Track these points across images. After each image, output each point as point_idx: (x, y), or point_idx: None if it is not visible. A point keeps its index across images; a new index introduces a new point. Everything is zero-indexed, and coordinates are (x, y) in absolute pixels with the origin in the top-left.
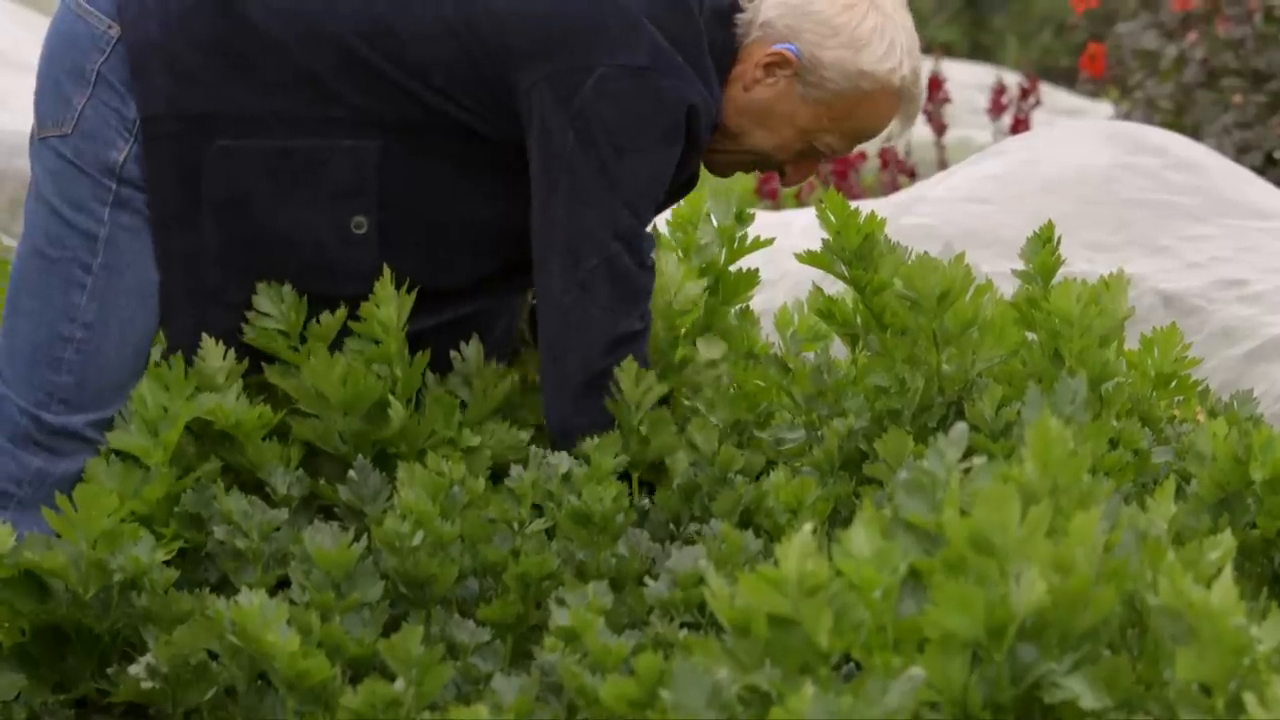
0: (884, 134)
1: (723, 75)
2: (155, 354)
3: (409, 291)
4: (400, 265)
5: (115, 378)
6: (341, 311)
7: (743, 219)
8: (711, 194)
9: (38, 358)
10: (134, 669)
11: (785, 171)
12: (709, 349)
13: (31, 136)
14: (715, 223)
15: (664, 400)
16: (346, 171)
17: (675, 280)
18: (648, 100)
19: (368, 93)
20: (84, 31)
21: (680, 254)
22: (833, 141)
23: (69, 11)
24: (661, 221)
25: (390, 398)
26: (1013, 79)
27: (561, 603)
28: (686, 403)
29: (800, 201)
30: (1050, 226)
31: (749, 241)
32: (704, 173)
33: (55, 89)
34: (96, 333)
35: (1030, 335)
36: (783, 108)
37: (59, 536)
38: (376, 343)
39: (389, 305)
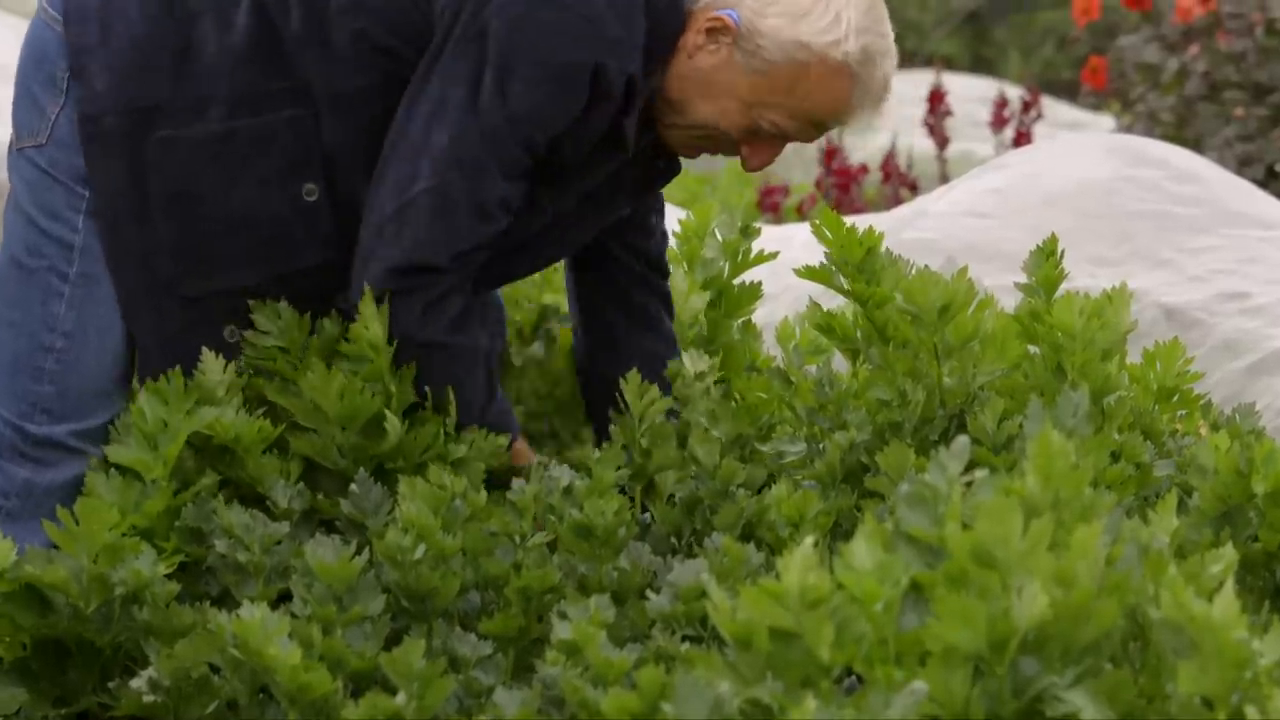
0: (846, 121)
1: (671, 41)
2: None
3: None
4: (355, 228)
5: (97, 385)
6: (337, 326)
7: (748, 233)
8: (718, 208)
9: (19, 368)
10: (135, 683)
11: (742, 154)
12: (695, 362)
13: (10, 147)
14: (720, 237)
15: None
16: (291, 143)
17: (680, 293)
18: (557, 34)
19: (305, 63)
20: (53, 39)
21: (685, 267)
22: (779, 120)
23: (39, 20)
24: (671, 232)
25: (386, 412)
26: (1014, 92)
27: (563, 616)
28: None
29: (802, 216)
30: (1054, 240)
31: (753, 255)
32: (709, 185)
33: (30, 99)
34: (76, 341)
35: (1032, 349)
36: (723, 77)
37: (57, 549)
38: (367, 361)
39: (376, 324)
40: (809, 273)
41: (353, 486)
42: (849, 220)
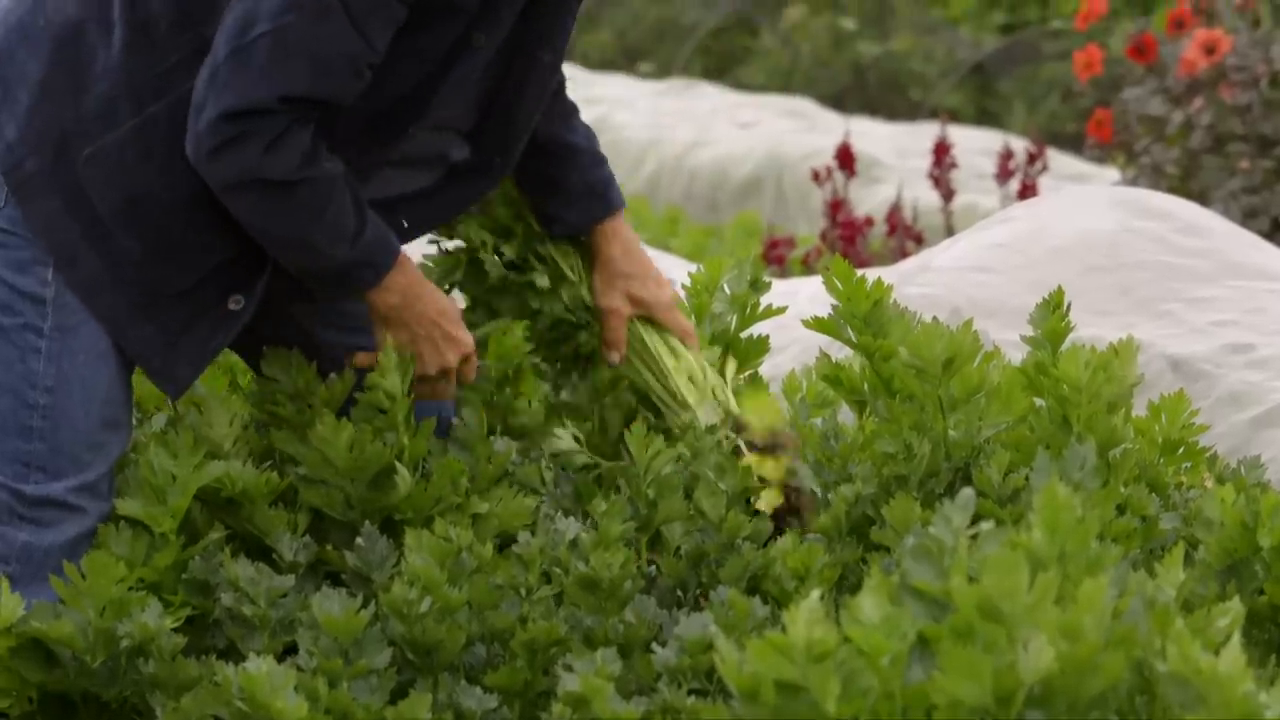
0: None
1: None
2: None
3: None
4: None
5: (88, 437)
6: (350, 376)
7: (758, 286)
8: (730, 262)
9: (7, 429)
10: None
11: None
12: (708, 415)
13: None
14: (729, 291)
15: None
16: None
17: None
18: None
19: (193, 25)
20: None
21: (693, 321)
22: None
23: None
24: (678, 286)
25: (397, 464)
26: (1019, 145)
27: (569, 669)
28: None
29: (808, 268)
30: (1060, 293)
31: (760, 309)
32: (715, 237)
33: None
34: (60, 395)
35: (1038, 401)
36: None
37: (64, 604)
38: (382, 411)
39: (393, 374)
40: (817, 324)
41: (359, 539)
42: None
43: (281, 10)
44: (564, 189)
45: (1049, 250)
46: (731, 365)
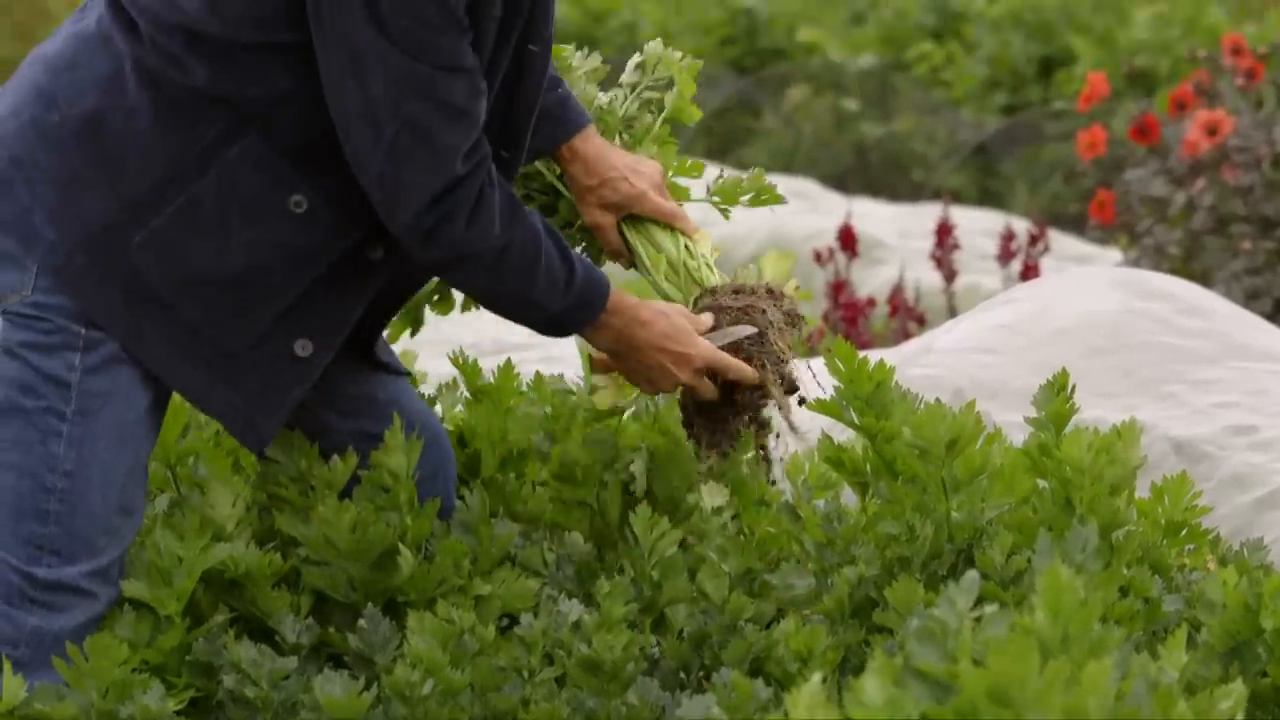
0: None
1: None
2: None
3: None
4: (349, 226)
5: (103, 522)
6: (352, 458)
7: None
8: None
9: (23, 512)
10: None
11: None
12: (713, 496)
13: None
14: None
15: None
16: (251, 174)
17: None
18: None
19: (214, 95)
20: None
21: None
22: None
23: None
24: None
25: (400, 546)
26: (1022, 225)
27: None
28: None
29: (810, 349)
30: (1064, 375)
31: None
32: None
33: (6, 257)
34: (78, 480)
35: (1041, 483)
36: None
37: (69, 686)
38: (386, 490)
39: (399, 454)
40: (820, 406)
41: (361, 621)
42: None
43: (396, 107)
44: None
45: (1052, 331)
46: (708, 240)
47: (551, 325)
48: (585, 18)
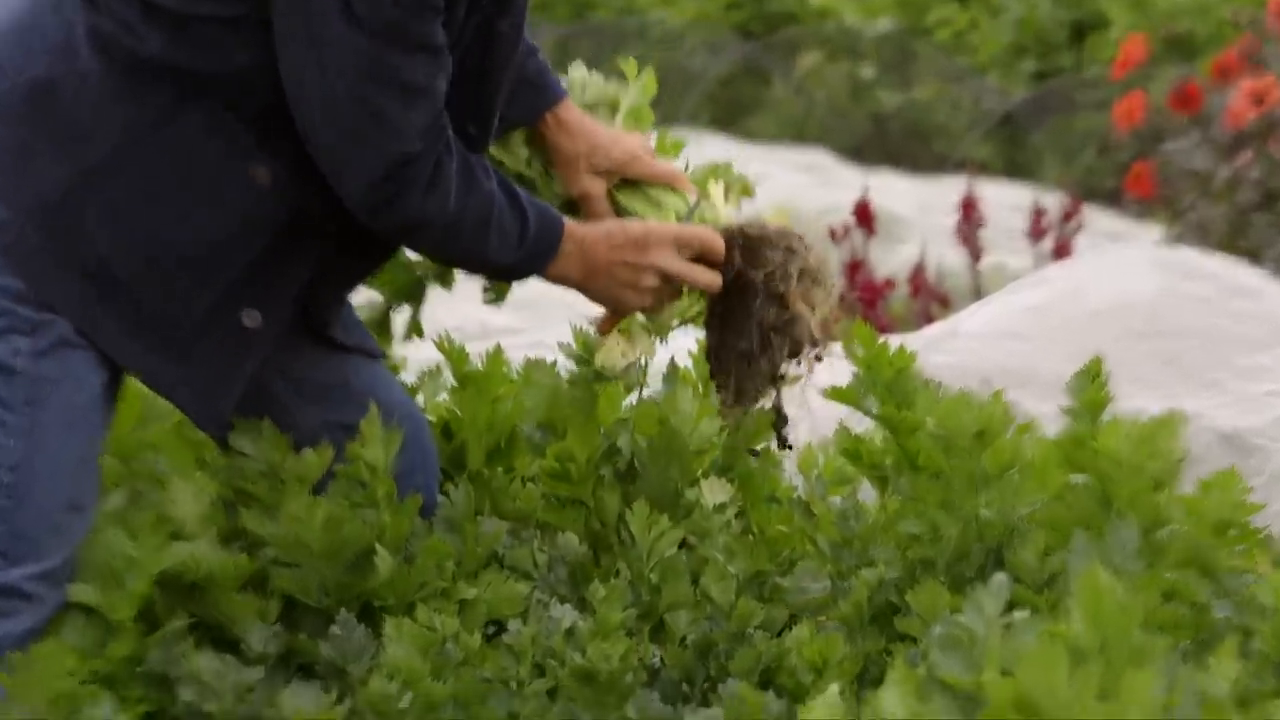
0: None
1: None
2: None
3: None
4: (307, 194)
5: (51, 521)
6: (328, 451)
7: None
8: None
9: None
10: None
11: None
12: (714, 493)
13: None
14: None
15: None
16: (208, 142)
17: (690, 418)
18: None
19: (182, 64)
20: None
21: (699, 388)
22: None
23: None
24: (683, 354)
25: (377, 545)
26: (1053, 200)
27: None
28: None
29: (824, 334)
30: (1098, 361)
31: None
32: None
33: None
34: (23, 473)
35: (1076, 478)
36: None
37: (11, 698)
38: (362, 485)
39: (376, 446)
40: (836, 394)
41: (334, 628)
42: None
43: (356, 89)
44: None
45: (1086, 314)
46: (720, 186)
47: (509, 274)
48: None
